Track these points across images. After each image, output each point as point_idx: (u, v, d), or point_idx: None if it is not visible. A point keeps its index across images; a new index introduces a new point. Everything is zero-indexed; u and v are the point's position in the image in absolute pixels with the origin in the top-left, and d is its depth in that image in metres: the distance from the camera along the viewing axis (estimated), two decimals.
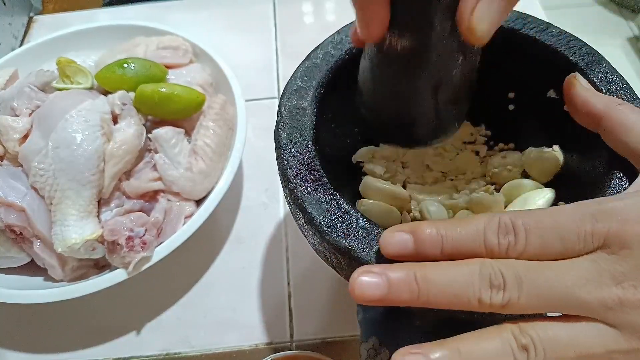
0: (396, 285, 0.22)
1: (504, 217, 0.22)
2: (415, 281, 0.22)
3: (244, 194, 0.53)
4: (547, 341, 0.21)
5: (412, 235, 0.23)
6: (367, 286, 0.22)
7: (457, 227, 0.22)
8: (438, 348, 0.21)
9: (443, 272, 0.22)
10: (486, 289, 0.21)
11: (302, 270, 0.47)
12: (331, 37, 0.35)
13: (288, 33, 0.67)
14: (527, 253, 0.22)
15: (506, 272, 0.21)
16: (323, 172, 0.29)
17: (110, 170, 0.41)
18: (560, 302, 0.21)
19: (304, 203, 0.28)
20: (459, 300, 0.21)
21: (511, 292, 0.21)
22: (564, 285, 0.21)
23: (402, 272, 0.22)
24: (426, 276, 0.22)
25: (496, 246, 0.22)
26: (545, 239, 0.22)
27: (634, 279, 0.21)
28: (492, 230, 0.22)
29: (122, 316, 0.46)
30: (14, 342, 0.45)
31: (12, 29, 0.68)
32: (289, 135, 0.31)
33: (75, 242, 0.39)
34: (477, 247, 0.22)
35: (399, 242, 0.23)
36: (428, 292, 0.21)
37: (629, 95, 0.30)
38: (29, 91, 0.45)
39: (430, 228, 0.22)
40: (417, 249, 0.23)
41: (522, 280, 0.21)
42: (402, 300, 0.22)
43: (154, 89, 0.44)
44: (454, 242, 0.22)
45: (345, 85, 0.34)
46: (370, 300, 0.22)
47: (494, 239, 0.22)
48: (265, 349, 0.43)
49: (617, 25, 0.61)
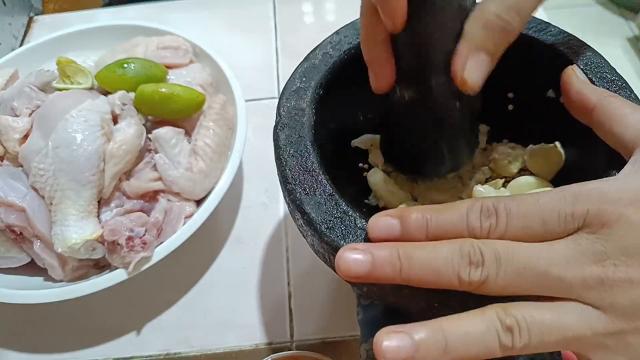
0: (380, 261, 0.22)
1: (486, 201, 0.23)
2: (398, 258, 0.22)
3: (244, 194, 0.53)
4: (532, 323, 0.21)
5: (399, 220, 0.24)
6: (352, 262, 0.22)
7: (442, 211, 0.23)
8: (421, 327, 0.21)
9: (425, 250, 0.22)
10: (465, 266, 0.22)
11: (302, 270, 0.47)
12: (330, 38, 0.35)
13: (288, 33, 0.67)
14: (509, 234, 0.22)
15: (485, 250, 0.22)
16: (322, 172, 0.29)
17: (111, 171, 0.41)
18: (539, 282, 0.21)
19: (303, 204, 0.28)
20: (440, 276, 0.22)
21: (489, 269, 0.21)
22: (543, 263, 0.21)
23: (386, 250, 0.23)
24: (408, 253, 0.22)
25: (478, 228, 0.23)
26: (526, 221, 0.22)
27: (614, 258, 0.21)
28: (475, 213, 0.23)
29: (122, 316, 0.46)
30: (14, 342, 0.45)
31: (12, 29, 0.68)
32: (287, 136, 0.31)
33: (75, 242, 0.39)
34: (460, 229, 0.23)
35: (386, 226, 0.24)
36: (410, 269, 0.22)
37: (628, 94, 0.30)
38: (29, 91, 0.45)
39: (417, 213, 0.23)
40: (403, 231, 0.23)
41: (500, 257, 0.22)
42: (385, 276, 0.22)
43: (154, 89, 0.44)
44: (438, 225, 0.23)
45: (344, 86, 0.34)
46: (355, 275, 0.23)
47: (477, 222, 0.23)
48: (265, 349, 0.43)
49: (617, 25, 0.61)
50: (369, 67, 0.30)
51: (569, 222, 0.22)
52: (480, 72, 0.26)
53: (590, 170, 0.31)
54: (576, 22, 0.38)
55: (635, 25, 0.62)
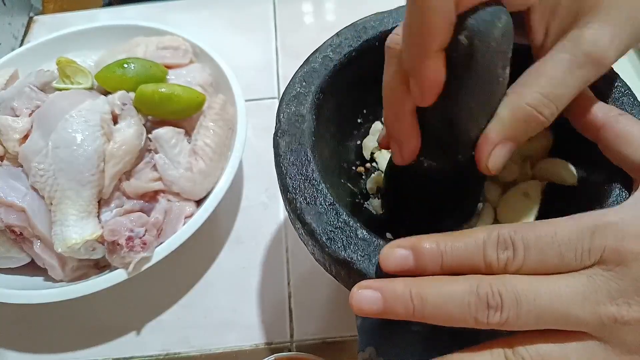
0: (392, 300, 0.22)
1: (502, 231, 0.22)
2: (410, 299, 0.22)
3: (244, 194, 0.53)
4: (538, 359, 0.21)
5: (412, 251, 0.23)
6: (365, 300, 0.23)
7: (457, 242, 0.23)
8: None
9: (439, 289, 0.22)
10: (483, 310, 0.21)
11: (302, 270, 0.47)
12: (330, 40, 0.35)
13: (288, 33, 0.67)
14: (526, 268, 0.22)
15: (504, 292, 0.21)
16: (322, 181, 0.29)
17: (111, 171, 0.41)
18: (558, 320, 0.22)
19: (304, 213, 0.28)
20: (455, 318, 0.22)
21: (509, 312, 0.21)
22: (561, 303, 0.21)
23: (398, 289, 0.22)
24: (421, 293, 0.22)
25: (495, 261, 0.22)
26: (543, 255, 0.22)
27: (628, 297, 0.21)
28: (492, 244, 0.22)
29: (122, 316, 0.46)
30: (14, 342, 0.45)
31: (12, 29, 0.68)
32: (288, 143, 0.31)
33: (75, 242, 0.39)
34: (476, 262, 0.22)
35: (398, 258, 0.23)
36: (423, 310, 0.22)
37: (632, 101, 0.29)
38: (29, 91, 0.45)
39: (430, 243, 0.23)
40: (416, 264, 0.23)
41: (520, 300, 0.21)
42: (397, 315, 0.22)
43: (154, 89, 0.44)
44: (453, 257, 0.23)
45: (344, 90, 0.34)
46: (368, 313, 0.23)
47: (493, 254, 0.22)
48: (265, 349, 0.43)
49: None
50: (392, 140, 0.28)
51: (585, 257, 0.22)
52: (503, 159, 0.26)
53: (588, 184, 0.30)
54: None
55: None
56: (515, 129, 0.25)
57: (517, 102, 0.25)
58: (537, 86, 0.25)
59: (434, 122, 0.27)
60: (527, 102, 0.25)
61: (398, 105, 0.26)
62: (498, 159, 0.26)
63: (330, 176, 0.30)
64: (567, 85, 0.25)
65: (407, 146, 0.27)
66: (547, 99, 0.25)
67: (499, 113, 0.26)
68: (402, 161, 0.28)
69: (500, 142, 0.25)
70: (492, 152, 0.26)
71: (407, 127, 0.27)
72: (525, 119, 0.25)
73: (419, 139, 0.27)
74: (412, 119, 0.26)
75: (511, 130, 0.25)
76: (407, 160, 0.28)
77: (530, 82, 0.25)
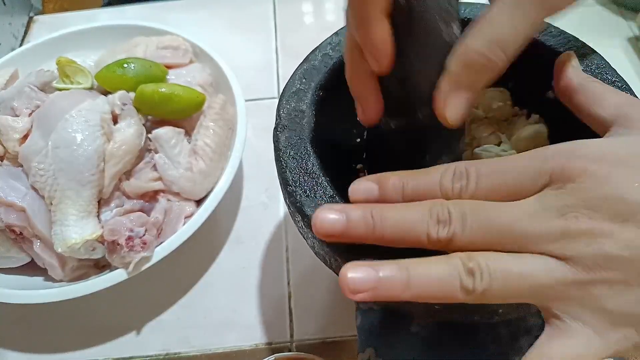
0: (354, 221, 0.23)
1: (460, 164, 0.24)
2: (371, 217, 0.23)
3: (244, 194, 0.53)
4: (495, 268, 0.21)
5: (378, 183, 0.25)
6: (328, 221, 0.24)
7: (418, 176, 0.25)
8: (388, 264, 0.22)
9: (397, 210, 0.24)
10: (434, 225, 0.23)
11: (302, 270, 0.47)
12: (329, 39, 0.35)
13: (288, 33, 0.67)
14: (479, 195, 0.23)
15: (453, 209, 0.23)
16: (322, 174, 0.29)
17: (110, 170, 0.41)
18: (504, 237, 0.22)
19: (303, 206, 0.28)
20: (410, 235, 0.23)
21: (455, 226, 0.22)
22: (507, 218, 0.22)
23: (360, 210, 0.24)
24: (381, 213, 0.23)
25: (450, 190, 0.24)
26: (495, 180, 0.23)
27: (577, 210, 0.21)
28: (448, 176, 0.24)
29: (122, 316, 0.46)
30: (14, 342, 0.45)
31: (12, 29, 0.68)
32: (287, 138, 0.31)
33: (75, 242, 0.39)
34: (434, 192, 0.24)
35: (365, 189, 0.25)
36: (382, 227, 0.23)
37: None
38: (29, 91, 0.45)
39: (394, 177, 0.25)
40: (380, 194, 0.25)
41: (466, 215, 0.22)
42: (358, 235, 0.23)
43: (154, 89, 0.44)
44: (413, 188, 0.24)
45: (344, 87, 0.34)
46: (330, 234, 0.24)
47: (449, 184, 0.24)
48: (265, 349, 0.43)
49: (617, 25, 0.61)
50: (356, 101, 0.29)
51: (537, 179, 0.22)
52: (460, 109, 0.26)
53: None
54: (576, 22, 0.38)
55: (635, 25, 0.62)
56: (464, 75, 0.26)
57: (462, 50, 0.26)
58: (481, 32, 0.25)
59: (388, 82, 0.28)
60: (472, 49, 0.25)
61: (357, 69, 0.28)
62: (454, 109, 0.26)
63: (332, 173, 0.30)
64: (512, 27, 0.25)
65: (368, 104, 0.29)
66: (492, 43, 0.25)
67: (447, 64, 0.26)
68: (366, 120, 0.30)
69: (452, 91, 0.26)
70: (447, 102, 0.26)
71: (367, 89, 0.28)
72: (471, 65, 0.25)
73: (379, 97, 0.29)
74: (372, 81, 0.28)
75: (460, 77, 0.26)
76: (370, 119, 0.29)
77: (475, 30, 0.26)
